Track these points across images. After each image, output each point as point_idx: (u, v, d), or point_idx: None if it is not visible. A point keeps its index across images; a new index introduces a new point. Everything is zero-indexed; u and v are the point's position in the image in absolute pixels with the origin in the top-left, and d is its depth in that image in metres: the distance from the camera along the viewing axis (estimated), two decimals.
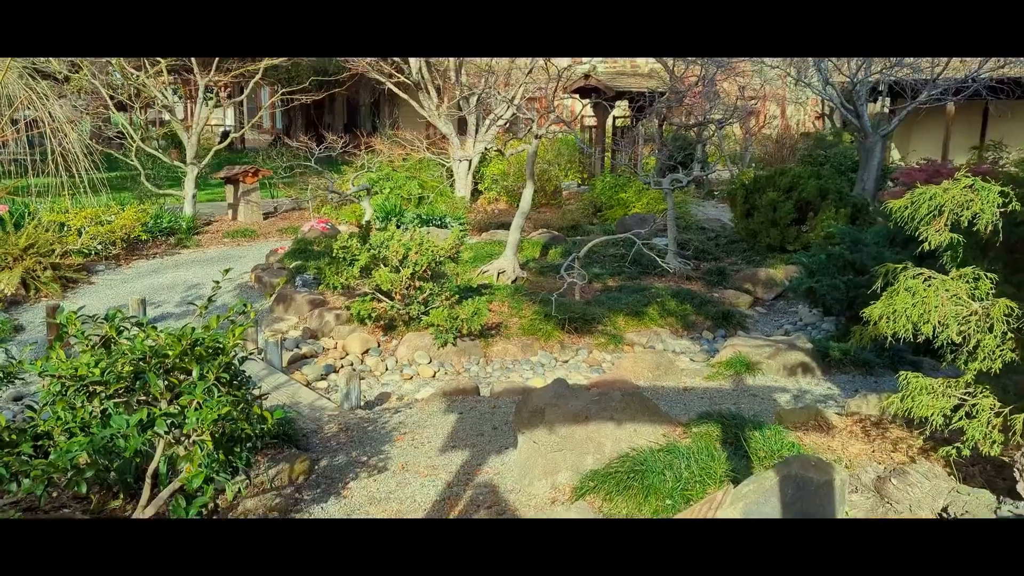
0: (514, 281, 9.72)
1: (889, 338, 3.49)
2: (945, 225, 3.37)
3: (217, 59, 14.31)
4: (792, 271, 10.05)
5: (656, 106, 15.00)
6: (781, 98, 26.42)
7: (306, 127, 26.86)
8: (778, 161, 20.00)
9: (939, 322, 3.28)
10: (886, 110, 17.94)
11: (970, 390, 3.43)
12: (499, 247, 11.31)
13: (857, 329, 3.85)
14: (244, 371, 3.78)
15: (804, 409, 4.77)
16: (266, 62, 15.36)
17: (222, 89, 16.50)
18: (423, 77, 15.80)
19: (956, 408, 3.38)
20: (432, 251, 7.75)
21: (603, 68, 21.04)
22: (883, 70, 14.86)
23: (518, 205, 16.63)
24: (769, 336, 8.46)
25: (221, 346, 3.39)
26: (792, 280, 8.13)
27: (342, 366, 7.54)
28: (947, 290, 3.33)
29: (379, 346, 7.88)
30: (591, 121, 20.79)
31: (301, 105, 21.43)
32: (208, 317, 3.55)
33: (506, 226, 13.66)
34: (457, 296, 7.80)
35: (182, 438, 3.16)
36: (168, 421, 3.12)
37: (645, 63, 23.63)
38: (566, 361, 7.75)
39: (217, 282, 4.21)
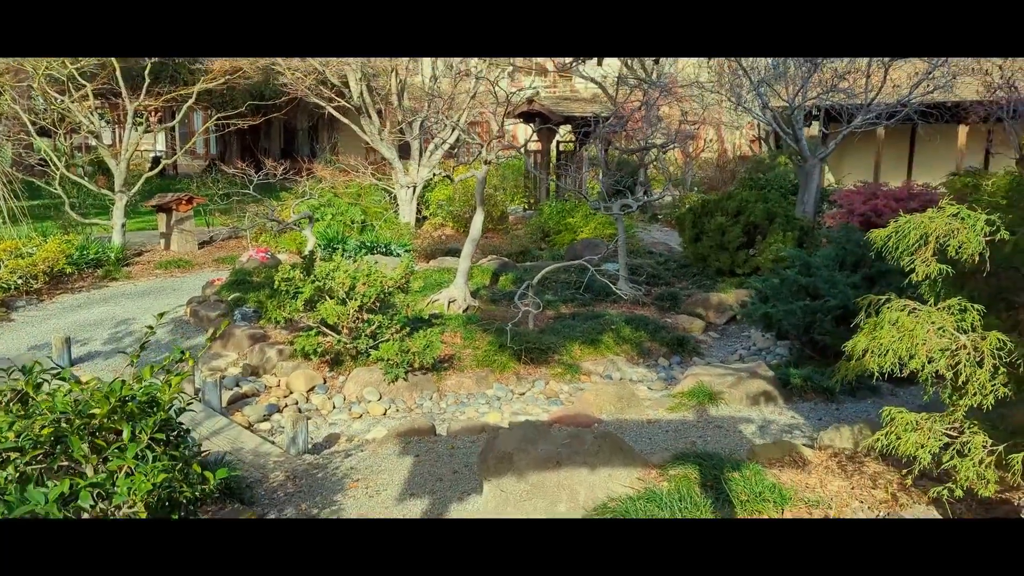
0: (465, 310, 9.43)
1: (876, 373, 3.32)
2: (932, 255, 3.22)
3: (147, 82, 13.75)
4: (743, 295, 9.99)
5: (601, 131, 14.98)
6: (718, 122, 26.82)
7: (242, 152, 26.20)
8: (719, 185, 20.23)
9: (927, 357, 3.12)
10: (823, 133, 18.26)
11: (956, 426, 3.28)
12: (448, 275, 11.01)
13: (842, 365, 3.68)
14: (182, 424, 3.41)
15: (778, 444, 4.59)
16: (200, 85, 14.84)
17: (152, 113, 15.90)
18: (364, 101, 15.47)
19: (946, 446, 3.22)
20: (380, 282, 7.41)
21: (546, 93, 21.04)
22: (820, 95, 15.13)
23: (465, 231, 16.43)
24: (725, 362, 8.34)
25: (156, 401, 3.02)
26: (747, 305, 8.03)
27: (286, 405, 7.13)
28: (932, 322, 3.18)
29: (325, 383, 7.49)
30: (535, 146, 20.72)
31: (237, 130, 20.87)
32: (141, 367, 3.17)
33: (454, 252, 13.39)
34: (408, 328, 7.47)
35: (112, 510, 2.78)
36: (95, 492, 2.73)
37: (584, 87, 23.75)
38: (522, 393, 7.47)
39: (150, 327, 3.82)
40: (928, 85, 14.83)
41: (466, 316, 9.12)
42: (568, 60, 21.88)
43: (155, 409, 2.98)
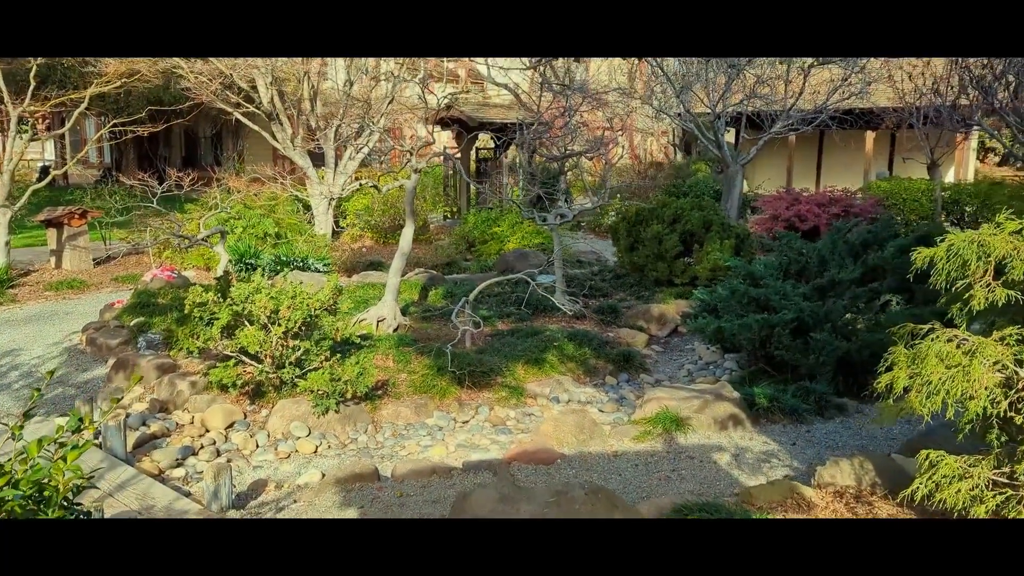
0: (396, 329, 8.78)
1: (926, 418, 2.91)
2: (997, 280, 2.83)
3: (33, 86, 12.53)
4: (683, 306, 9.69)
5: (527, 137, 14.55)
6: (631, 129, 26.85)
7: (139, 161, 24.68)
8: (640, 192, 20.08)
9: (989, 399, 2.73)
10: (743, 138, 18.28)
11: (1005, 470, 2.90)
12: (374, 291, 10.33)
13: (885, 407, 3.26)
14: (81, 505, 2.70)
15: (776, 485, 4.17)
16: (92, 89, 13.65)
17: (40, 120, 14.58)
18: (275, 106, 14.59)
19: (1006, 500, 2.83)
20: (307, 304, 6.71)
21: (464, 99, 20.49)
22: (742, 100, 15.12)
23: (385, 242, 15.74)
24: (673, 378, 7.98)
25: (43, 492, 2.31)
26: (697, 319, 7.68)
27: (202, 446, 6.33)
28: (988, 356, 2.80)
29: (246, 417, 6.73)
30: (455, 152, 20.13)
31: (134, 138, 19.50)
32: (26, 441, 2.45)
33: (377, 266, 12.69)
34: (338, 354, 6.79)
35: None
36: None
37: (496, 93, 23.35)
38: (466, 422, 6.89)
39: (37, 389, 3.05)
40: (844, 92, 15.03)
41: (397, 336, 8.47)
42: (482, 63, 21.43)
43: (45, 505, 2.27)
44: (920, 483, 3.00)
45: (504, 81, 19.99)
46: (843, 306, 7.06)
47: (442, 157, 19.67)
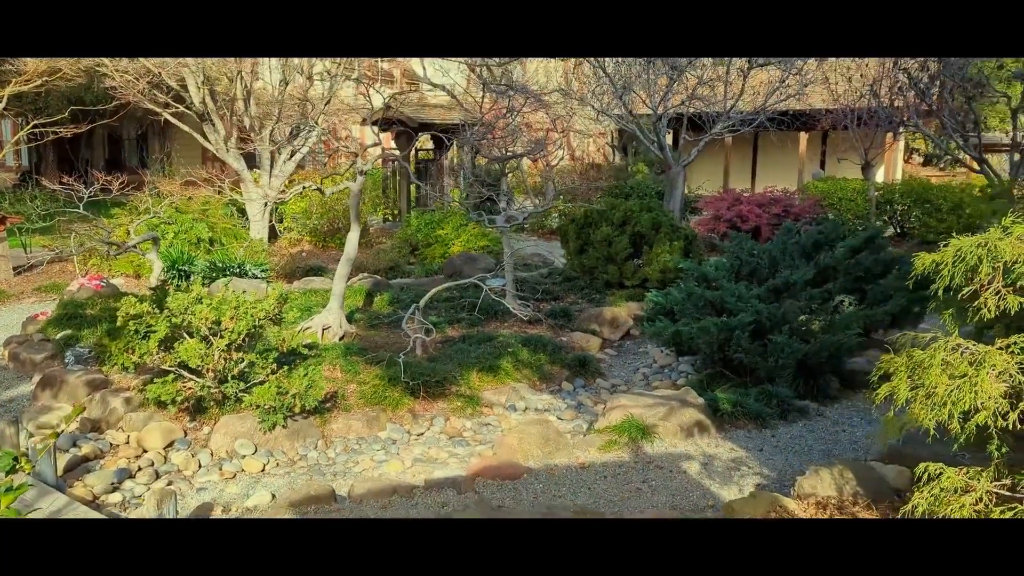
0: (342, 338, 8.45)
1: (931, 431, 2.79)
2: (1006, 287, 2.73)
3: None
4: (635, 308, 9.61)
5: (469, 138, 14.33)
6: (569, 130, 26.85)
7: (60, 164, 23.58)
8: (582, 194, 20.04)
9: (997, 410, 2.62)
10: (684, 139, 18.38)
11: (1006, 482, 2.81)
12: (317, 297, 9.97)
13: (889, 421, 3.13)
14: None
15: (758, 498, 4.05)
16: (10, 89, 12.89)
17: None
18: (207, 107, 14.02)
19: (1015, 516, 2.73)
20: (251, 314, 6.36)
21: (404, 99, 20.11)
22: (683, 102, 15.18)
23: (324, 246, 15.31)
24: (629, 382, 7.86)
25: None
26: (655, 323, 7.57)
27: (140, 468, 5.92)
28: (993, 365, 2.70)
29: (186, 435, 6.34)
30: (395, 153, 19.76)
31: (54, 139, 18.60)
32: None
33: (317, 271, 12.29)
34: (286, 367, 6.45)
35: None
36: None
37: (434, 93, 23.06)
38: (421, 434, 6.63)
39: None
40: (781, 93, 15.24)
41: (344, 345, 8.15)
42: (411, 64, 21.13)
43: None
44: (920, 498, 2.89)
45: (441, 81, 19.76)
46: (799, 307, 7.04)
47: (380, 159, 19.31)
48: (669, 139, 22.42)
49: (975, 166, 10.56)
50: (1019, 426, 2.62)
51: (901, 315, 7.22)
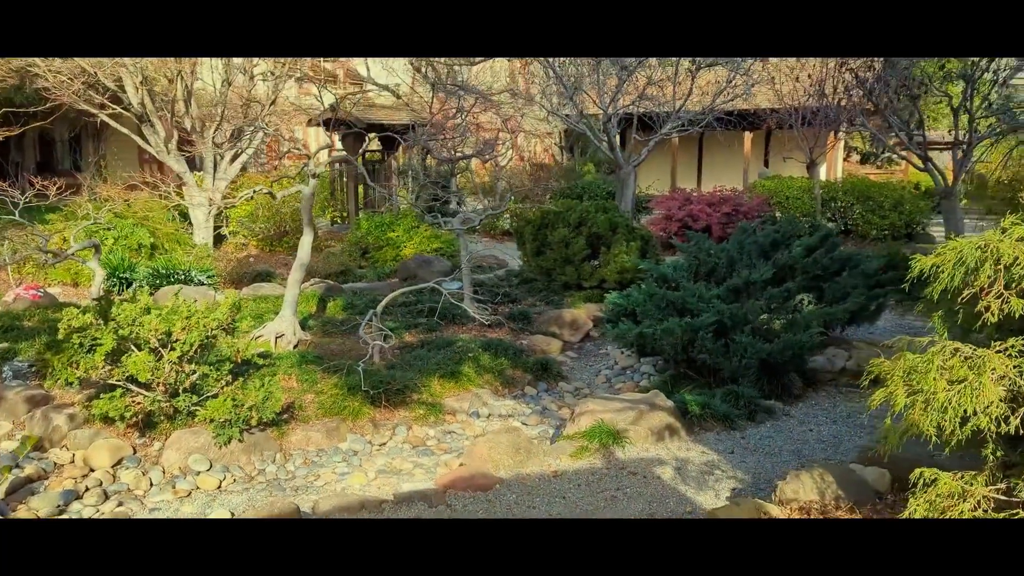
0: (296, 346, 8.20)
1: (932, 438, 2.73)
2: (1009, 288, 2.68)
3: None
4: (594, 310, 9.56)
5: (419, 139, 14.13)
6: (517, 130, 26.80)
7: None
8: (533, 195, 19.99)
9: (1000, 414, 2.58)
10: (635, 140, 18.46)
11: (1001, 486, 2.78)
12: (268, 304, 9.68)
13: (888, 429, 3.06)
14: None
15: (741, 506, 3.99)
16: None
17: None
18: (146, 108, 13.54)
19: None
20: (203, 324, 6.09)
21: (350, 99, 19.79)
22: (632, 102, 15.22)
23: (272, 251, 14.93)
24: (591, 385, 7.80)
25: None
26: (617, 325, 7.51)
27: (87, 488, 5.60)
28: (993, 369, 2.66)
29: (136, 452, 6.03)
30: (336, 155, 19.40)
31: None
32: None
33: (266, 276, 11.96)
34: (241, 379, 6.20)
35: None
36: None
37: (377, 95, 22.73)
38: (383, 444, 6.44)
39: None
40: (728, 93, 15.40)
41: (299, 353, 7.90)
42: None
43: None
44: (917, 504, 2.85)
45: (386, 81, 19.49)
46: (760, 307, 7.05)
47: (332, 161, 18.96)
48: (617, 139, 22.54)
49: (919, 164, 10.77)
50: (1022, 430, 2.59)
51: (859, 313, 7.29)
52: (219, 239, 14.74)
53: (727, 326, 6.85)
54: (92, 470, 5.82)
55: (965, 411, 2.56)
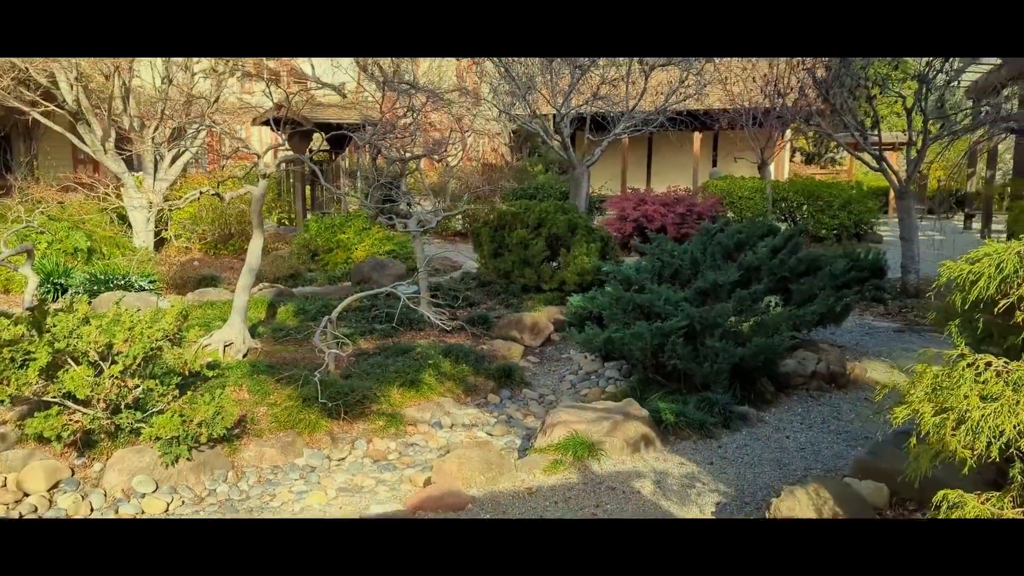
0: (246, 355, 7.79)
1: (969, 463, 2.53)
2: None
3: None
4: (555, 312, 9.35)
5: (370, 138, 13.75)
6: (466, 130, 26.41)
7: None
8: (485, 196, 19.73)
9: None
10: (589, 140, 18.34)
11: None
12: (215, 310, 9.23)
13: (919, 451, 2.84)
14: None
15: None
16: None
17: None
18: (82, 106, 12.88)
19: None
20: (147, 335, 5.68)
21: (297, 99, 19.25)
22: (586, 101, 15.07)
23: (216, 254, 14.37)
24: (556, 391, 7.59)
25: None
26: (583, 329, 7.28)
27: (21, 515, 5.17)
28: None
29: (74, 474, 5.60)
30: (287, 154, 18.85)
31: None
32: None
33: (211, 281, 11.46)
34: (189, 392, 5.81)
35: None
36: None
37: (322, 94, 22.20)
38: (343, 459, 6.11)
39: None
40: (680, 93, 15.36)
41: (250, 363, 7.51)
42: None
43: None
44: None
45: (331, 80, 19.01)
46: (729, 310, 6.91)
47: (273, 161, 18.39)
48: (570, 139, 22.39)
49: (874, 164, 10.82)
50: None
51: (826, 314, 7.21)
52: (160, 242, 14.14)
53: (696, 330, 6.69)
54: (26, 495, 5.38)
55: (1009, 433, 2.37)
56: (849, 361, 7.05)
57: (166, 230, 14.68)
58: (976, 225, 19.94)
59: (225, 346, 7.78)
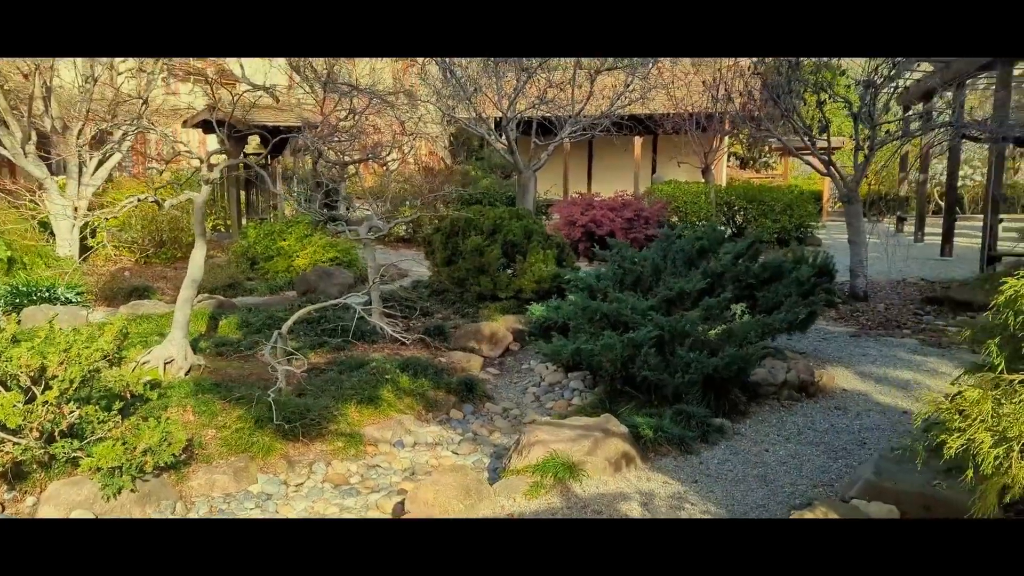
0: (188, 372, 7.30)
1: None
2: None
3: None
4: (512, 322, 9.09)
5: (311, 141, 13.27)
6: (403, 133, 25.95)
7: None
8: (427, 200, 19.34)
9: None
10: (536, 144, 18.14)
11: None
12: (151, 324, 8.68)
13: (988, 488, 2.59)
14: None
15: None
16: None
17: None
18: None
19: None
20: (84, 356, 5.20)
21: (230, 100, 18.54)
22: (534, 105, 14.85)
23: (147, 262, 13.65)
24: (520, 404, 7.33)
25: None
26: (552, 340, 7.05)
27: None
28: None
29: (4, 510, 5.08)
30: (222, 159, 18.13)
31: None
32: None
33: (143, 292, 10.84)
34: (133, 416, 5.34)
35: None
36: None
37: (256, 97, 21.49)
38: (300, 484, 5.72)
39: None
40: (626, 98, 15.30)
41: (193, 381, 7.03)
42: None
43: None
44: None
45: (262, 81, 18.37)
46: (698, 319, 6.75)
47: (209, 164, 17.64)
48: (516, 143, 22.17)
49: (822, 168, 10.89)
50: None
51: (793, 321, 7.12)
52: (87, 251, 13.35)
53: (665, 340, 6.51)
54: None
55: None
56: (815, 368, 6.98)
57: (92, 238, 13.88)
58: (908, 228, 20.49)
59: (166, 363, 7.27)
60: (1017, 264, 11.21)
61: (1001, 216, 13.62)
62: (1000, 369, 2.55)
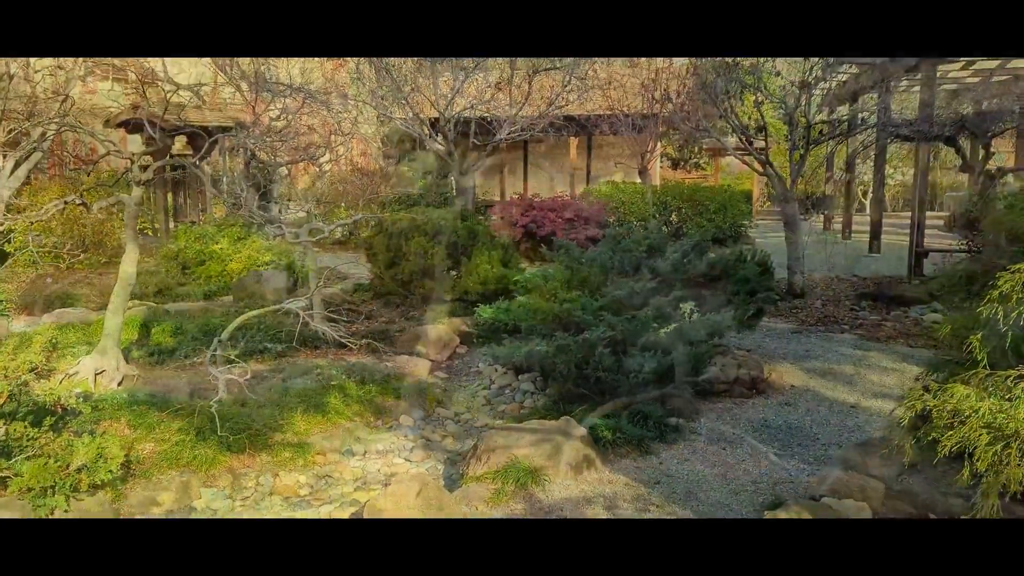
0: (121, 383, 6.95)
1: None
2: None
3: None
4: (459, 324, 8.95)
5: (244, 141, 12.89)
6: (352, 134, 25.55)
7: None
8: (359, 202, 18.99)
9: None
10: (474, 144, 17.99)
11: None
12: (78, 333, 8.25)
13: (988, 486, 2.54)
14: None
15: None
16: None
17: None
18: None
19: None
20: (12, 370, 4.86)
21: (155, 99, 17.87)
22: (472, 106, 14.72)
23: (69, 268, 13.01)
24: (471, 408, 7.20)
25: None
26: (503, 344, 6.94)
27: None
28: None
29: None
30: (147, 160, 17.44)
31: None
32: None
33: (67, 300, 10.34)
34: (66, 432, 5.01)
35: None
36: None
37: (187, 96, 20.78)
38: (247, 498, 5.48)
39: None
40: (565, 100, 15.31)
41: (127, 392, 6.69)
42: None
43: None
44: None
45: (186, 81, 17.78)
46: (651, 318, 6.74)
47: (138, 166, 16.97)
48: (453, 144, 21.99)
49: (759, 168, 11.06)
50: None
51: (742, 320, 7.18)
52: (4, 257, 12.65)
53: (618, 340, 6.48)
54: None
55: None
56: (763, 365, 7.04)
57: (8, 243, 13.17)
58: (836, 226, 21.07)
59: (97, 374, 6.91)
60: (947, 260, 11.60)
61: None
62: (983, 364, 2.55)
